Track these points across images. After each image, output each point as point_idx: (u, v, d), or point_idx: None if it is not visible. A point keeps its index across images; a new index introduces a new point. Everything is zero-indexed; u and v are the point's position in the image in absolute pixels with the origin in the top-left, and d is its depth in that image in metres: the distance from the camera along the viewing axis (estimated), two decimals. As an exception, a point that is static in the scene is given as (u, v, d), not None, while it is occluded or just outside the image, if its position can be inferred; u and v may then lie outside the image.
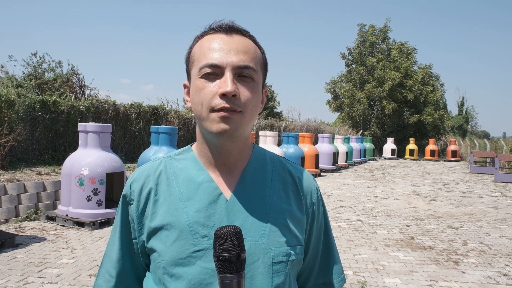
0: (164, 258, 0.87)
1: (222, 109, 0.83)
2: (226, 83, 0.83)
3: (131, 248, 0.97)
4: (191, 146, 1.00)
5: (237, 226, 0.75)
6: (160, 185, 0.94)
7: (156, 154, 6.86)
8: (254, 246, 0.87)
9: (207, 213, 0.89)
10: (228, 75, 0.84)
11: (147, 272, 0.97)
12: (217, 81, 0.84)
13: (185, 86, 0.96)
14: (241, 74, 0.86)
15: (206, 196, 0.90)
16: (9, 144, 7.79)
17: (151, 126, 7.48)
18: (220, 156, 0.92)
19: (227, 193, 0.91)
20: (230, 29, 0.89)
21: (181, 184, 0.93)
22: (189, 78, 0.93)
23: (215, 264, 0.75)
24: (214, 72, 0.85)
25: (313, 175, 12.83)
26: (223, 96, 0.83)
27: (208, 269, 0.85)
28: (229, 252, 0.73)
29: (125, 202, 0.96)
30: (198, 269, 0.85)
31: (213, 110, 0.84)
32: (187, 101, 0.95)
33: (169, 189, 0.93)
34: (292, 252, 0.91)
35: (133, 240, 0.96)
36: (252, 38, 0.92)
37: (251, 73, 0.87)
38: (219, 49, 0.86)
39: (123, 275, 0.98)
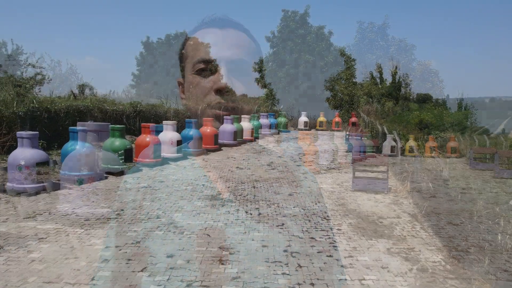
0: None
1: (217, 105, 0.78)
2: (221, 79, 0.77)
3: None
4: None
5: None
6: None
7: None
8: None
9: None
10: (222, 70, 0.78)
11: None
12: (211, 77, 0.79)
13: (179, 83, 0.92)
14: (235, 68, 0.80)
15: None
16: (7, 143, 7.77)
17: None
18: None
19: None
20: (223, 23, 0.83)
21: None
22: (183, 75, 0.88)
23: None
24: (208, 68, 0.80)
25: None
26: (218, 91, 0.78)
27: None
28: None
29: None
30: None
31: (208, 105, 0.79)
32: (182, 98, 0.89)
33: None
34: None
35: None
36: (246, 31, 0.86)
37: (245, 67, 0.81)
38: (213, 44, 0.80)
39: None
